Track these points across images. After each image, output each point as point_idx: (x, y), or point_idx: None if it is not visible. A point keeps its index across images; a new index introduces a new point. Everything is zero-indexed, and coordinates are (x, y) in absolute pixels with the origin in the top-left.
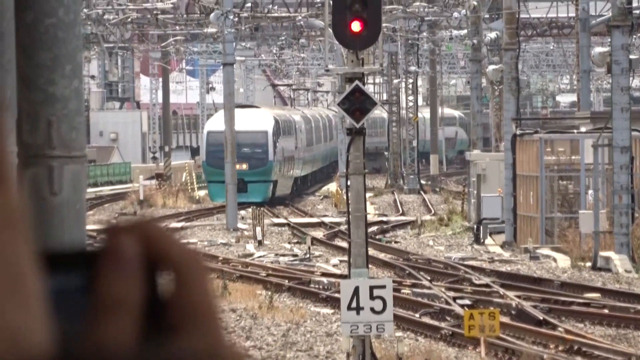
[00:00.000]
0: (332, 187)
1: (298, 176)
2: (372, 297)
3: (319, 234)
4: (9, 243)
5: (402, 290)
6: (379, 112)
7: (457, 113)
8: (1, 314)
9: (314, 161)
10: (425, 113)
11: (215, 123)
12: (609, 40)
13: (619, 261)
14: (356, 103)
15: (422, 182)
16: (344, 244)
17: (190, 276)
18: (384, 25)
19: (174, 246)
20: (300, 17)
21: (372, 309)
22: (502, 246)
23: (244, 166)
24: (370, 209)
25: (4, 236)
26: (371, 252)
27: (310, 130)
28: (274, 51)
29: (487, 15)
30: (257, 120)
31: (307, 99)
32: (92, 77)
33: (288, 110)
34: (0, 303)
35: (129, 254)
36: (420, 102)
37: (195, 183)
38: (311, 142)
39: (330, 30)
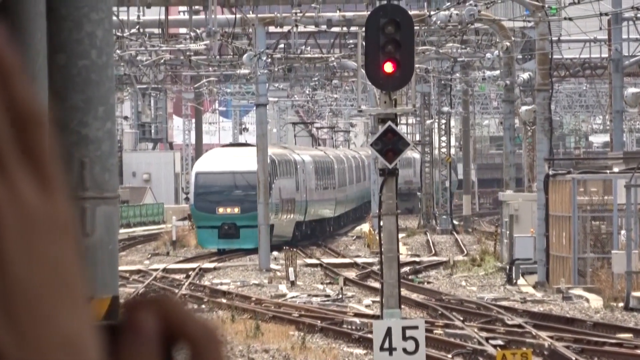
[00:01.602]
0: (365, 227)
1: (302, 220)
2: (404, 338)
3: (352, 274)
4: (63, 251)
5: (435, 331)
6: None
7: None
8: (57, 321)
9: (343, 202)
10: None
11: (205, 164)
12: None
13: None
14: (389, 144)
15: (455, 222)
16: (377, 285)
17: (206, 350)
18: (416, 66)
19: (190, 321)
20: (333, 58)
21: (405, 350)
22: (535, 286)
23: (236, 210)
24: (402, 249)
25: (56, 242)
26: (404, 292)
27: (335, 170)
28: (307, 92)
29: (519, 56)
30: (250, 159)
31: (332, 140)
32: (125, 117)
33: (294, 149)
34: (56, 309)
35: (147, 328)
36: (453, 142)
37: None
38: (341, 183)
39: (363, 71)
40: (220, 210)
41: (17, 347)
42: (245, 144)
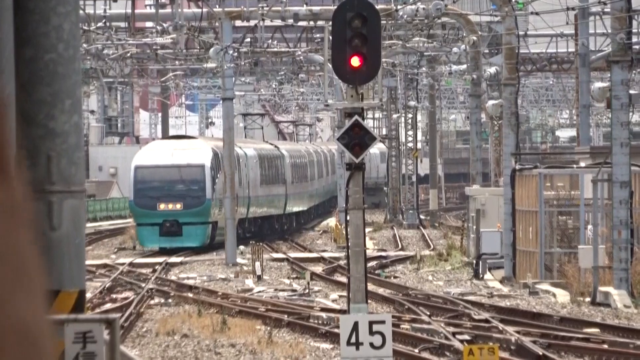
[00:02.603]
0: (332, 221)
1: (244, 217)
2: (371, 333)
3: (319, 269)
4: (12, 233)
5: (402, 326)
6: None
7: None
8: (9, 306)
9: (297, 199)
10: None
11: (145, 157)
12: (609, 75)
13: (618, 296)
14: (356, 138)
15: (421, 217)
16: (343, 279)
17: None
18: (383, 60)
19: None
20: (299, 52)
21: (372, 344)
22: (502, 281)
23: (178, 206)
24: (369, 244)
25: (8, 226)
26: (370, 287)
27: (285, 165)
28: (274, 86)
29: (486, 51)
30: (192, 152)
31: (294, 134)
32: (92, 111)
33: (250, 143)
34: (8, 295)
35: None
36: (419, 136)
37: None
38: (296, 179)
39: (330, 65)
40: (162, 206)
41: None
42: (188, 136)
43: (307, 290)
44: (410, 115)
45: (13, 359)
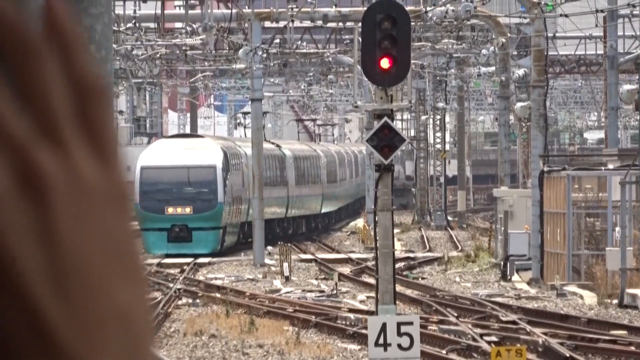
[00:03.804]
0: (360, 222)
1: (244, 221)
2: (399, 334)
3: (346, 270)
4: (118, 225)
5: (429, 327)
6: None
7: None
8: (110, 294)
9: (300, 202)
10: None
11: (151, 157)
12: (637, 77)
13: None
14: (385, 140)
15: (449, 218)
16: (371, 280)
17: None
18: (412, 61)
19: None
20: (328, 54)
21: (400, 346)
22: (529, 283)
23: (187, 209)
24: (397, 245)
25: (115, 219)
26: (398, 288)
27: (288, 167)
28: (302, 87)
29: (515, 53)
30: (202, 152)
31: (313, 134)
32: (120, 112)
33: (248, 142)
34: (109, 282)
35: None
36: (447, 138)
37: None
38: (301, 180)
39: (359, 67)
40: (170, 210)
41: (67, 321)
42: (196, 135)
43: (334, 291)
44: (438, 117)
45: (116, 349)
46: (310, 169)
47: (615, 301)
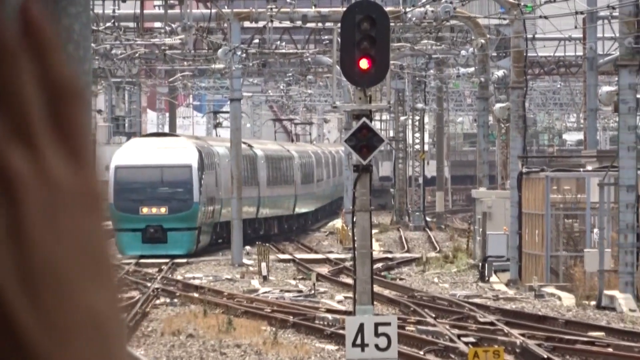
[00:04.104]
0: (338, 223)
1: (218, 222)
2: (376, 334)
3: (324, 270)
4: (91, 227)
5: (407, 328)
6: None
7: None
8: (83, 298)
9: (272, 202)
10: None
11: (126, 156)
12: (616, 79)
13: (624, 300)
14: (363, 140)
15: (428, 219)
16: (349, 281)
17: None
18: (391, 62)
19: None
20: (307, 54)
21: (377, 346)
22: (507, 284)
23: (163, 210)
24: (375, 245)
25: (87, 220)
26: (376, 289)
27: (259, 166)
28: (281, 87)
29: (494, 54)
30: (177, 152)
31: (290, 134)
32: (99, 111)
33: (219, 141)
34: (82, 286)
35: None
36: (426, 139)
37: None
38: (273, 181)
39: (338, 67)
40: (144, 210)
41: (38, 322)
42: (171, 134)
43: (312, 291)
44: (417, 118)
45: (87, 349)
46: (283, 170)
47: (593, 302)
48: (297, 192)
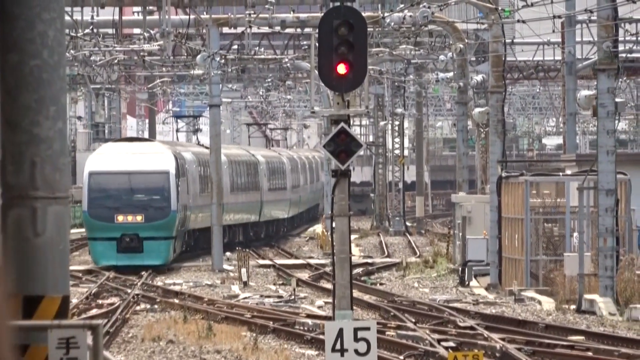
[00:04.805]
0: (318, 228)
1: (190, 229)
2: (356, 339)
3: (305, 275)
4: None
5: (387, 332)
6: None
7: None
8: None
9: (236, 210)
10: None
11: (100, 162)
12: (595, 83)
13: (604, 304)
14: (342, 145)
15: (408, 223)
16: (329, 286)
17: None
18: (370, 67)
19: None
20: (286, 59)
21: (356, 351)
22: (487, 288)
23: (139, 218)
24: (355, 250)
25: None
26: (356, 294)
27: (227, 173)
28: (261, 93)
29: (473, 58)
30: (154, 157)
31: (266, 139)
32: (79, 118)
33: (184, 146)
34: None
35: None
36: (406, 143)
37: None
38: (237, 187)
39: (317, 73)
40: (120, 218)
41: None
42: (144, 139)
43: (293, 297)
44: (397, 123)
45: None
46: (247, 176)
47: (573, 306)
48: (263, 198)
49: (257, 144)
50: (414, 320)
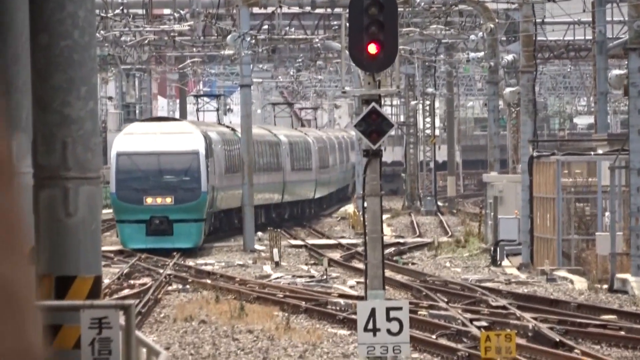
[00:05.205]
0: (350, 208)
1: (217, 210)
2: (388, 319)
3: (336, 255)
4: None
5: (419, 312)
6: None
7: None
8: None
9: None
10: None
11: (128, 142)
12: (626, 62)
13: (636, 283)
14: (373, 125)
15: (439, 203)
16: (361, 266)
17: None
18: (400, 47)
19: None
20: (317, 40)
21: (389, 331)
22: (519, 268)
23: (168, 200)
24: (387, 230)
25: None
26: (388, 273)
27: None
28: (291, 73)
29: (504, 38)
30: (183, 137)
31: (291, 119)
32: (110, 98)
33: (208, 125)
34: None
35: None
36: (437, 123)
37: None
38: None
39: (347, 53)
40: (149, 200)
41: None
42: (172, 118)
43: (324, 277)
44: (428, 103)
45: None
46: (270, 156)
47: (605, 286)
48: (286, 178)
49: (285, 124)
50: (446, 300)
